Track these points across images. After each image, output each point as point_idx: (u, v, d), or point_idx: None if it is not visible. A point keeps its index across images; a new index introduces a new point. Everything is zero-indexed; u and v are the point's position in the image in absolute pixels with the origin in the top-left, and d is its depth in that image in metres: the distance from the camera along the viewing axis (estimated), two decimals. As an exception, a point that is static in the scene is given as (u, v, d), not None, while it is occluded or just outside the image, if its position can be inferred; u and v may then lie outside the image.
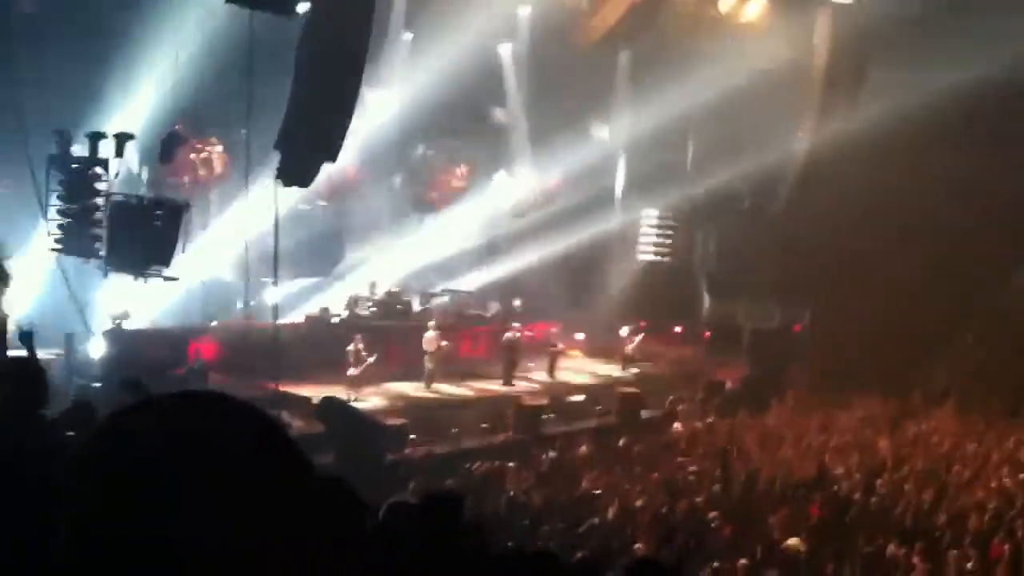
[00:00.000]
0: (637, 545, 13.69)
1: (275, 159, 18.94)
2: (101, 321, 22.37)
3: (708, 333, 33.66)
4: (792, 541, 14.04)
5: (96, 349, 21.51)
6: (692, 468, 18.74)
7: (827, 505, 16.38)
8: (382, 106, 30.33)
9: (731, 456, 18.99)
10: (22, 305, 23.42)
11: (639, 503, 16.04)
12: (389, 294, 28.84)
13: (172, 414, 1.25)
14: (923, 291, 30.69)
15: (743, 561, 13.06)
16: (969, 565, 13.44)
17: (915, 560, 13.64)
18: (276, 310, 22.04)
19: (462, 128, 32.89)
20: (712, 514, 15.75)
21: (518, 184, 34.02)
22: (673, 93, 31.06)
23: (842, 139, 31.23)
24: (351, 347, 23.04)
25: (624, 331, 28.83)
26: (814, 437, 21.54)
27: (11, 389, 4.42)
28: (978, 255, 30.18)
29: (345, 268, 31.10)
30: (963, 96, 30.42)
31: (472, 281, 34.01)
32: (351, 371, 22.83)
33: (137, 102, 24.33)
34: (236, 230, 23.94)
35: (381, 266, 30.25)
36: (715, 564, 12.99)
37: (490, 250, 34.73)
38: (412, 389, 24.47)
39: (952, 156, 31.26)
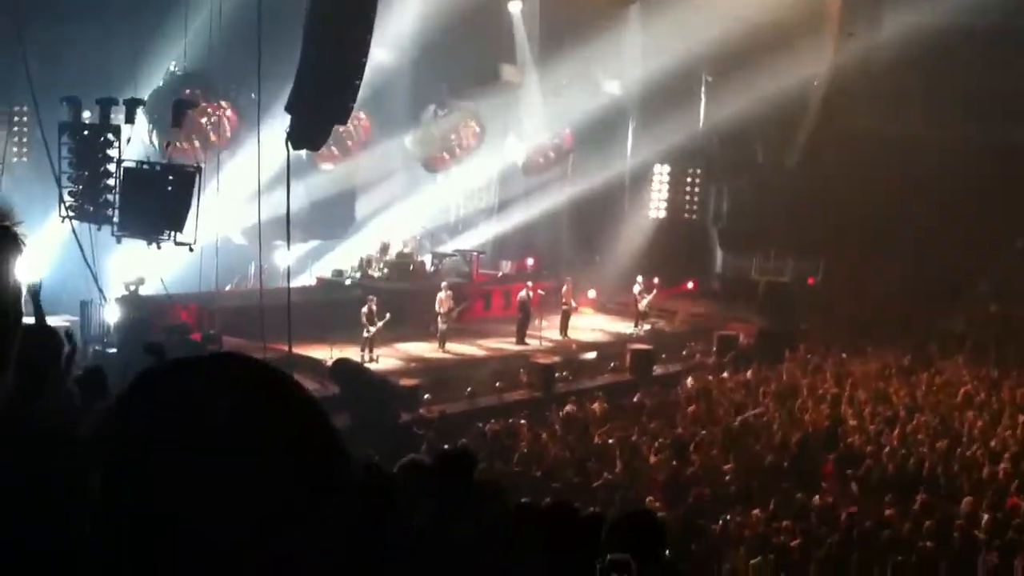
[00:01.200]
0: (650, 499, 13.80)
1: (286, 122, 18.92)
2: (116, 288, 22.51)
3: (721, 288, 33.68)
4: None
5: (111, 315, 21.66)
6: (706, 421, 18.83)
7: (840, 460, 16.47)
8: (393, 67, 30.20)
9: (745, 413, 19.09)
10: (37, 273, 23.60)
11: (652, 458, 16.14)
12: (401, 255, 28.88)
13: (206, 374, 1.26)
14: (938, 242, 30.58)
15: (756, 512, 13.16)
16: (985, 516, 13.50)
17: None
18: (288, 273, 22.11)
19: (473, 87, 32.76)
20: (726, 467, 15.86)
21: (529, 142, 33.89)
22: (683, 46, 30.85)
23: (857, 90, 31.02)
24: (364, 309, 23.12)
25: (636, 288, 28.81)
26: (828, 390, 21.58)
27: (26, 354, 4.48)
28: (994, 205, 30.02)
29: (356, 229, 31.13)
30: (979, 43, 30.23)
31: (484, 241, 34.05)
32: (365, 332, 22.93)
33: (147, 68, 24.34)
34: (247, 193, 23.98)
35: (393, 227, 30.26)
36: (728, 516, 13.09)
37: (501, 209, 34.73)
38: (425, 349, 24.57)
39: (969, 106, 31.05)
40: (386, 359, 23.03)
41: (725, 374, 23.69)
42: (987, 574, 11.14)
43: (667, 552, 4.75)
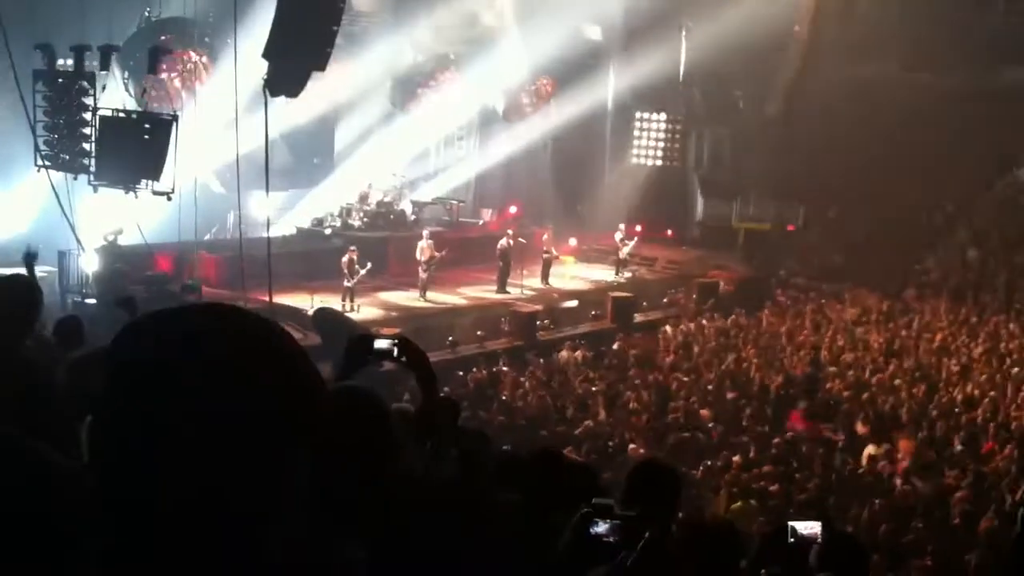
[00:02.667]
0: (632, 446, 13.90)
1: (264, 68, 18.72)
2: (94, 238, 22.33)
3: (701, 235, 33.75)
4: None
5: (89, 266, 21.51)
6: (686, 368, 18.94)
7: (813, 408, 16.61)
8: (370, 13, 29.88)
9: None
10: (14, 223, 23.43)
11: (633, 405, 16.23)
12: (381, 204, 28.75)
13: (191, 325, 1.25)
14: (917, 189, 30.72)
15: (736, 458, 13.28)
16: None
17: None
18: (268, 223, 22.02)
19: (452, 32, 32.42)
20: (704, 412, 15.99)
21: (509, 88, 33.64)
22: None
23: (837, 36, 30.91)
24: (345, 258, 23.03)
25: (617, 235, 28.83)
26: (807, 336, 21.72)
27: (5, 305, 4.45)
28: (974, 151, 30.10)
29: (335, 178, 30.91)
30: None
31: (462, 188, 33.92)
32: (346, 282, 22.87)
33: (122, 14, 23.97)
34: (224, 140, 23.76)
35: (372, 175, 30.06)
36: (708, 462, 13.21)
37: (482, 157, 34.55)
38: (406, 298, 24.55)
39: (949, 50, 31.01)
40: (367, 308, 23.00)
41: (705, 321, 23.78)
42: (961, 516, 11.27)
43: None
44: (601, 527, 3.38)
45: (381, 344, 3.61)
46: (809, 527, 4.36)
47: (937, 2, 31.42)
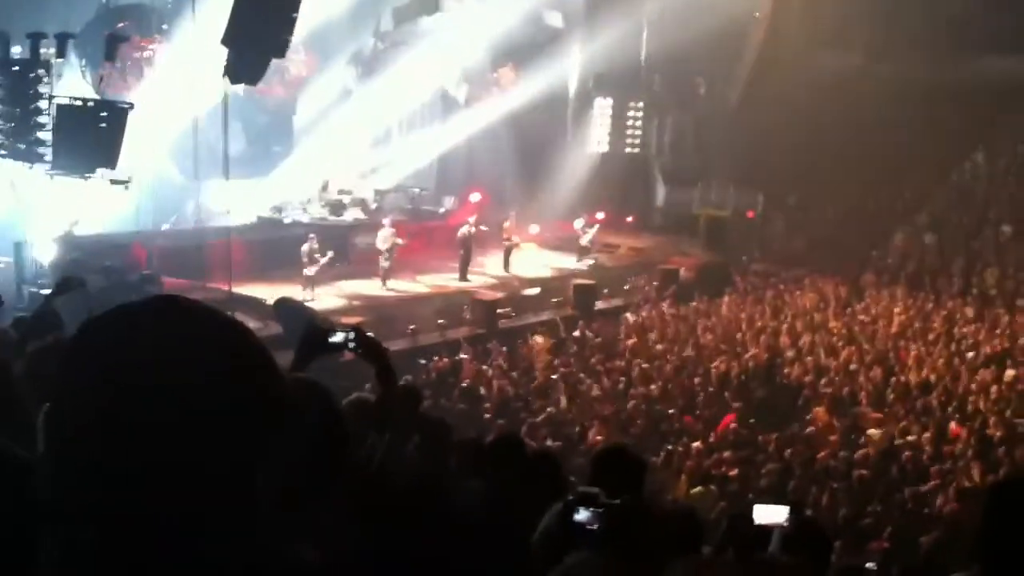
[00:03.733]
0: (592, 432, 13.98)
1: (223, 56, 18.58)
2: (51, 228, 22.10)
3: (663, 221, 33.90)
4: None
5: (46, 256, 21.29)
6: (647, 355, 19.02)
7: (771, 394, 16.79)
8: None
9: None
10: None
11: (595, 393, 16.30)
12: (341, 192, 28.64)
13: (150, 320, 1.26)
14: (877, 175, 31.02)
15: (697, 444, 13.39)
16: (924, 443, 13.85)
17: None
18: (228, 211, 21.87)
19: (413, 18, 32.30)
20: (664, 398, 16.08)
21: (470, 75, 33.59)
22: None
23: (799, 23, 31.08)
24: (305, 247, 22.90)
25: (578, 223, 28.87)
26: (767, 322, 21.88)
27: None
28: (933, 138, 30.40)
29: (296, 165, 30.77)
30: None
31: (426, 175, 33.86)
32: (306, 271, 22.75)
33: (78, 1, 23.72)
34: (184, 129, 23.60)
35: (333, 162, 29.94)
36: (669, 447, 13.30)
37: (442, 143, 34.49)
38: (368, 287, 24.47)
39: (910, 40, 31.29)
40: (328, 297, 22.89)
41: (666, 307, 23.88)
42: (914, 499, 11.47)
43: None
44: (583, 514, 3.43)
45: (335, 338, 3.63)
46: (775, 511, 4.38)
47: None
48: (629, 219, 33.11)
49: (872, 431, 14.34)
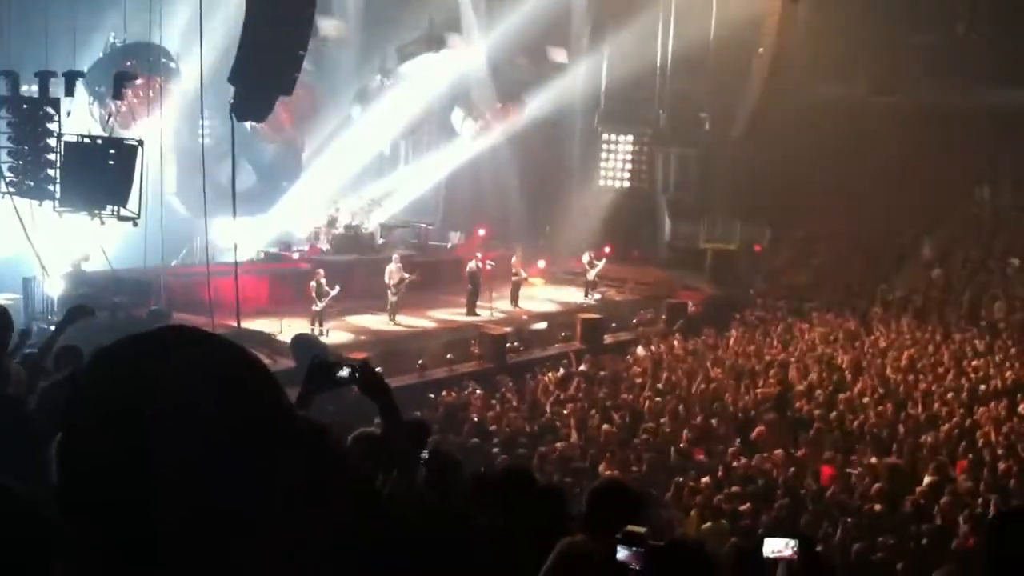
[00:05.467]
0: (602, 467, 13.89)
1: (230, 93, 18.70)
2: (60, 264, 22.18)
3: (670, 256, 33.91)
4: None
5: (55, 291, 21.35)
6: (656, 389, 18.94)
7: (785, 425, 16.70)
8: (338, 37, 29.94)
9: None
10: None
11: (604, 427, 16.22)
12: (349, 227, 28.70)
13: (160, 349, 1.26)
14: (882, 208, 31.03)
15: (706, 479, 13.30)
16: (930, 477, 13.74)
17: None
18: (235, 247, 21.92)
19: (418, 57, 32.49)
20: (673, 433, 15.99)
21: (477, 113, 33.76)
22: (630, 11, 30.94)
23: (803, 57, 31.20)
24: (313, 282, 22.94)
25: (585, 257, 28.91)
26: (775, 355, 21.82)
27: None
28: (938, 172, 30.44)
29: (302, 201, 30.84)
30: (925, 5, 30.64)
31: (433, 211, 33.96)
32: (314, 306, 22.76)
33: (87, 39, 23.89)
34: (191, 165, 23.70)
35: (340, 198, 30.02)
36: (679, 480, 13.21)
37: (449, 179, 34.63)
38: (376, 322, 24.47)
39: (915, 75, 31.44)
40: (336, 332, 22.89)
41: (675, 341, 23.84)
42: (931, 536, 11.36)
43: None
44: (624, 553, 3.43)
45: (341, 373, 3.67)
46: (783, 544, 4.36)
47: (900, 24, 31.88)
48: (635, 253, 33.14)
49: (880, 465, 14.24)
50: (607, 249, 29.77)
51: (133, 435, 1.17)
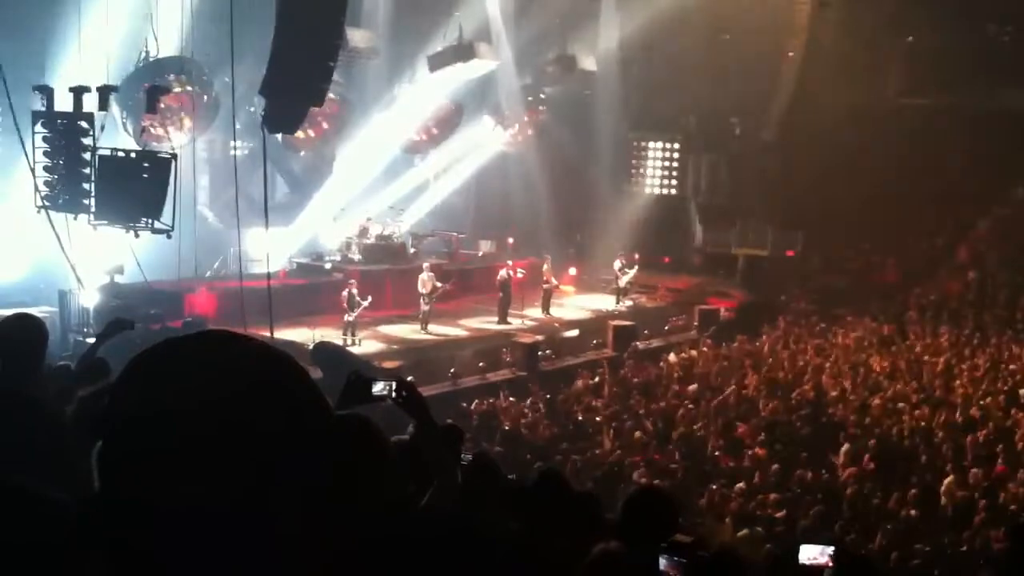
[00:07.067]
0: (636, 474, 13.86)
1: (261, 105, 18.82)
2: (95, 277, 22.37)
3: (701, 262, 33.80)
4: None
5: (90, 303, 21.55)
6: (689, 395, 18.87)
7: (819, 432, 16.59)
8: (367, 48, 30.05)
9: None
10: (15, 265, 23.50)
11: (637, 433, 16.18)
12: (380, 237, 28.78)
13: (199, 351, 1.27)
14: (916, 212, 30.78)
15: (741, 485, 13.24)
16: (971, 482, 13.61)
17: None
18: (268, 257, 22.05)
19: (447, 66, 32.55)
20: (707, 439, 15.94)
21: (506, 121, 33.80)
22: (659, 17, 30.89)
23: (833, 61, 31.06)
24: (345, 292, 23.04)
25: (616, 264, 28.85)
26: (810, 361, 21.68)
27: (13, 342, 4.45)
28: (972, 175, 30.17)
29: (334, 211, 30.96)
30: (955, 8, 30.40)
31: (463, 219, 34.01)
32: (346, 316, 22.86)
33: (120, 54, 24.08)
34: (227, 178, 23.84)
35: (372, 209, 30.13)
36: (713, 486, 13.16)
37: (479, 189, 34.68)
38: (407, 331, 24.53)
39: (946, 73, 31.17)
40: (368, 342, 22.98)
41: (706, 348, 23.75)
42: (969, 541, 11.24)
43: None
44: (666, 562, 3.44)
45: (378, 389, 3.69)
46: (819, 551, 4.34)
47: (928, 26, 31.64)
48: (667, 260, 33.05)
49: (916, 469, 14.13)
50: (637, 256, 29.70)
51: (171, 438, 1.18)
